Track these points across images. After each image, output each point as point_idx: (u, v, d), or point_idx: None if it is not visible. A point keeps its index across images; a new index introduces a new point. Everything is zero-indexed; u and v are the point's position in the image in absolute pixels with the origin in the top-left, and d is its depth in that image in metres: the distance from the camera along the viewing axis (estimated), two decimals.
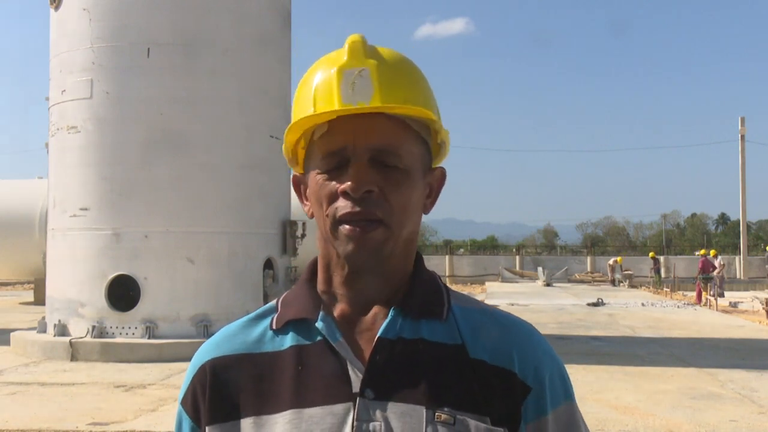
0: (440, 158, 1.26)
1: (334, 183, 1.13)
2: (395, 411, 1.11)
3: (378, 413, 1.11)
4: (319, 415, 1.11)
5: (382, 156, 1.13)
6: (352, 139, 1.12)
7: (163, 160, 11.83)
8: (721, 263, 29.74)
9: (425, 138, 1.20)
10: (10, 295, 29.04)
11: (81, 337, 11.65)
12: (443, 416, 1.11)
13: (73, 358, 11.35)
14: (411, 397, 1.12)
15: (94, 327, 11.68)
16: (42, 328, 12.58)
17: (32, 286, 25.04)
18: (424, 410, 1.11)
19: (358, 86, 1.12)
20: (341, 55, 1.15)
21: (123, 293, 11.86)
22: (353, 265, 1.16)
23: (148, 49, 11.90)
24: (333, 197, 1.13)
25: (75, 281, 12.04)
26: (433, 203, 1.25)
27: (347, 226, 1.12)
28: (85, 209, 12.02)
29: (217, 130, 12.11)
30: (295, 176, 1.26)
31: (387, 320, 1.16)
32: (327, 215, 1.14)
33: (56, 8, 12.69)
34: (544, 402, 1.17)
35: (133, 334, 11.68)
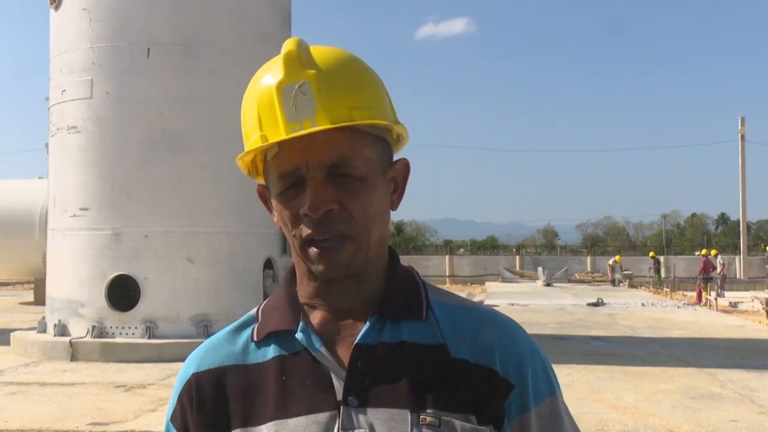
0: (399, 148, 1.24)
1: (293, 204, 1.12)
2: (380, 417, 1.10)
3: (362, 420, 1.10)
4: (303, 424, 1.11)
5: (337, 169, 1.11)
6: (304, 158, 1.10)
7: (163, 160, 11.83)
8: (722, 262, 29.77)
9: (381, 135, 1.18)
10: (10, 295, 29.04)
11: (81, 337, 11.65)
12: (428, 419, 1.10)
13: (73, 358, 11.35)
14: (395, 402, 1.11)
15: (94, 327, 11.68)
16: (42, 328, 12.58)
17: (32, 286, 25.05)
18: (409, 414, 1.10)
19: (300, 103, 1.09)
20: (278, 68, 1.12)
21: (123, 293, 11.86)
22: (327, 280, 1.16)
23: (148, 49, 11.90)
24: (296, 219, 1.13)
25: (75, 281, 12.04)
26: (400, 197, 1.23)
27: (315, 249, 1.12)
28: (85, 209, 12.03)
29: (217, 130, 12.11)
30: (259, 187, 1.24)
31: (366, 326, 1.15)
32: (294, 236, 1.14)
33: (56, 8, 12.69)
34: (527, 398, 1.16)
35: (133, 334, 11.68)
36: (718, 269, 28.37)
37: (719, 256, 31.17)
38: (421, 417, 1.10)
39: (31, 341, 12.10)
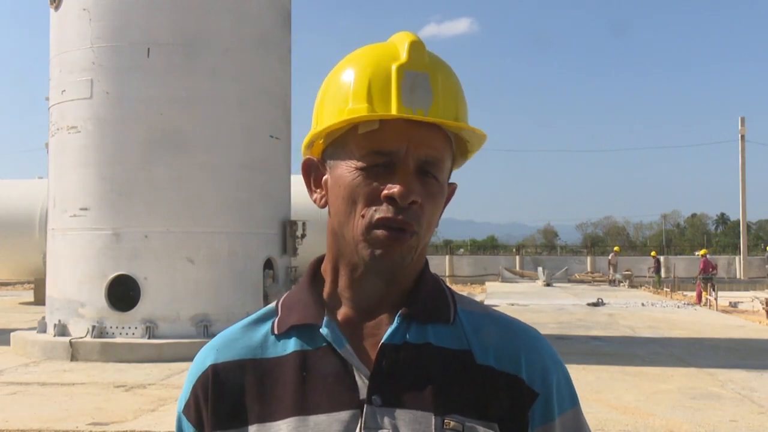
0: (455, 168, 1.26)
1: (376, 184, 1.09)
2: (404, 418, 1.09)
3: (386, 420, 1.09)
4: (325, 422, 1.09)
5: (427, 167, 1.11)
6: (405, 145, 1.09)
7: (163, 160, 11.83)
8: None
9: (454, 154, 1.20)
10: (10, 295, 29.03)
11: (81, 337, 11.65)
12: (452, 423, 1.09)
13: (73, 358, 11.35)
14: (419, 404, 1.10)
15: (94, 327, 11.68)
16: (42, 328, 12.58)
17: (32, 286, 25.05)
18: (433, 417, 1.09)
19: (417, 91, 1.10)
20: (396, 51, 1.12)
21: (123, 293, 11.86)
22: (372, 269, 1.13)
23: (148, 49, 11.90)
24: (373, 199, 1.10)
25: (75, 281, 12.04)
26: (440, 215, 1.24)
27: (384, 231, 1.09)
28: (85, 209, 12.02)
29: (217, 130, 12.11)
30: (309, 160, 1.20)
31: (393, 325, 1.14)
32: (363, 216, 1.10)
33: (56, 8, 12.69)
34: (552, 407, 1.16)
35: (133, 334, 11.68)
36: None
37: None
38: (445, 421, 1.09)
39: (31, 341, 12.09)
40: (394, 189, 1.08)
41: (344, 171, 1.12)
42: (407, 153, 1.10)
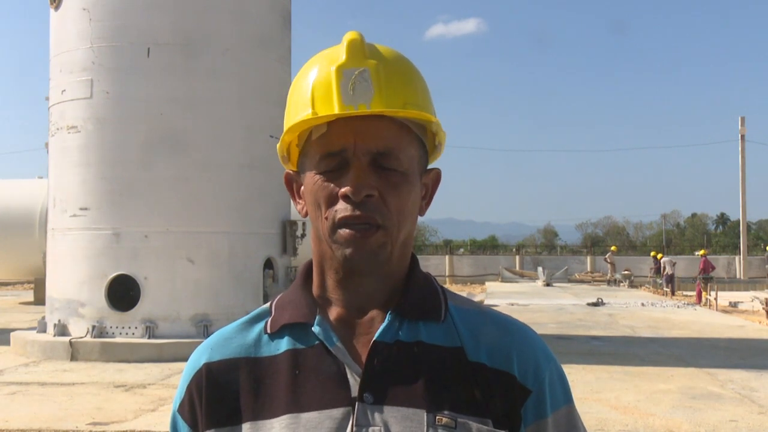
0: (435, 158, 1.25)
1: (332, 185, 1.11)
2: (395, 415, 1.10)
3: (378, 417, 1.10)
4: (316, 419, 1.10)
5: (382, 159, 1.11)
6: (352, 141, 1.10)
7: (163, 160, 11.83)
8: (664, 263, 30.63)
9: (422, 139, 1.19)
10: (10, 295, 29.02)
11: (81, 337, 11.65)
12: (444, 419, 1.10)
13: (73, 358, 11.35)
14: (411, 401, 1.11)
15: (94, 327, 11.68)
16: (42, 328, 12.58)
17: (32, 286, 25.03)
18: (425, 414, 1.10)
19: (358, 87, 1.10)
20: (339, 53, 1.13)
21: (123, 293, 11.86)
22: (350, 268, 1.14)
23: (148, 49, 11.90)
24: (332, 200, 1.12)
25: (75, 281, 12.04)
26: (428, 204, 1.24)
27: (346, 230, 1.10)
28: (85, 209, 12.02)
29: (217, 130, 12.11)
30: (287, 174, 1.24)
31: (384, 323, 1.15)
32: (326, 218, 1.12)
33: (56, 8, 12.69)
34: (544, 404, 1.16)
35: (133, 334, 11.68)
36: (664, 270, 29.14)
37: (665, 258, 31.82)
38: (437, 417, 1.10)
39: (31, 341, 12.09)
40: (347, 187, 1.10)
41: (309, 179, 1.16)
42: (356, 148, 1.11)
